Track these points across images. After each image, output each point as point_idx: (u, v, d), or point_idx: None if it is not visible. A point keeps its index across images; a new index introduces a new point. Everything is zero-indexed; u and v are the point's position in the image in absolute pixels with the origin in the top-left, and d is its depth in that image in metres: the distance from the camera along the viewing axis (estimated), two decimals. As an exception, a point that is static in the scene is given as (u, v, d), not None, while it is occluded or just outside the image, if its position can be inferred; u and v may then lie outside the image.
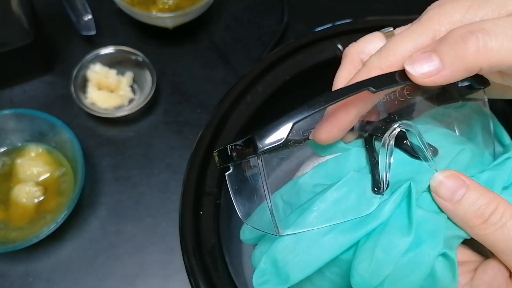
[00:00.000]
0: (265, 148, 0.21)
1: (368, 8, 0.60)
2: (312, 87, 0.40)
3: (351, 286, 0.24)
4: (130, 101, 0.52)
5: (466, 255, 0.24)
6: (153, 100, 0.52)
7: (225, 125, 0.38)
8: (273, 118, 0.21)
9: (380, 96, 0.25)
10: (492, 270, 0.23)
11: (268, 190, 0.23)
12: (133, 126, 0.52)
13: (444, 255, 0.23)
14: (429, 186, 0.24)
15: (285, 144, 0.23)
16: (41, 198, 0.45)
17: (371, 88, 0.22)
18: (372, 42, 0.26)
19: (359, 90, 0.22)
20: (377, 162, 0.24)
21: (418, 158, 0.24)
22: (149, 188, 0.49)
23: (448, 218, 0.23)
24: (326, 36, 0.41)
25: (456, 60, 0.21)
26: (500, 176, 0.24)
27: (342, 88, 0.22)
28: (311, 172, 0.26)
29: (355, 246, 0.23)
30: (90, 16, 0.53)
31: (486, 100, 0.26)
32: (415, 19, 0.25)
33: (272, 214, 0.23)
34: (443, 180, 0.23)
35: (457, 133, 0.28)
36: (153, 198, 0.48)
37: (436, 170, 0.24)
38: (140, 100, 0.51)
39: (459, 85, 0.26)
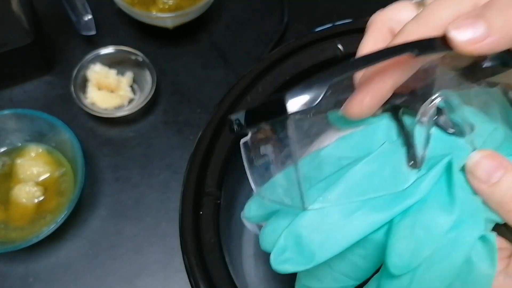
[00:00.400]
0: (298, 110, 0.19)
1: (368, 8, 0.59)
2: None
3: (373, 269, 0.23)
4: (130, 101, 0.52)
5: (498, 241, 0.23)
6: (153, 100, 0.52)
7: (225, 125, 0.38)
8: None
9: (418, 65, 0.23)
10: None
11: (297, 157, 0.21)
12: (133, 126, 0.52)
13: (482, 238, 0.21)
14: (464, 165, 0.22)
15: (312, 110, 0.21)
16: (41, 198, 0.45)
17: (416, 50, 0.20)
18: (401, 11, 0.24)
19: (402, 52, 0.20)
20: (412, 135, 0.22)
21: (453, 134, 0.23)
22: (149, 188, 0.49)
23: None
24: (326, 36, 0.41)
25: (505, 26, 0.19)
26: None
27: (381, 49, 0.20)
28: (334, 144, 0.24)
29: (387, 225, 0.22)
30: (90, 16, 0.53)
31: None
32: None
33: (299, 185, 0.21)
34: (480, 160, 0.21)
35: None
36: (153, 198, 0.48)
37: (473, 146, 0.22)
38: (140, 100, 0.51)
39: (484, 66, 0.24)
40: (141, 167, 0.50)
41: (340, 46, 0.40)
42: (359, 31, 0.30)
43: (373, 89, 0.22)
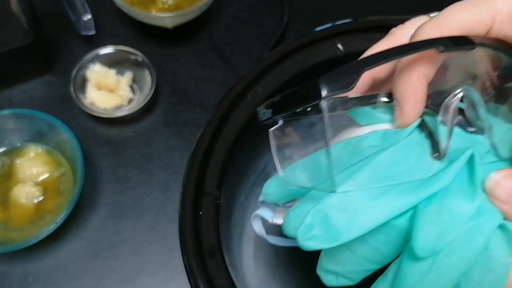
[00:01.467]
0: (331, 94, 0.20)
1: (368, 8, 0.60)
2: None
3: (394, 255, 0.23)
4: (130, 101, 0.52)
5: None
6: (152, 100, 0.52)
7: (225, 125, 0.37)
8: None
9: (438, 64, 0.24)
10: None
11: (330, 139, 0.21)
12: (132, 126, 0.52)
13: (501, 226, 0.22)
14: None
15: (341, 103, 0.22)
16: (41, 198, 0.45)
17: (441, 46, 0.20)
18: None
19: (429, 46, 0.21)
20: (436, 130, 0.23)
21: (473, 132, 0.23)
22: (149, 188, 0.49)
23: None
24: (326, 36, 0.41)
25: None
26: None
27: (409, 43, 0.21)
28: (366, 135, 0.25)
29: (410, 212, 0.22)
30: (89, 16, 0.53)
31: None
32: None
33: (330, 167, 0.22)
34: (500, 180, 0.22)
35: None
36: (153, 198, 0.48)
37: (492, 142, 0.23)
38: (140, 100, 0.51)
39: (497, 74, 0.25)
40: (140, 167, 0.50)
41: (340, 46, 0.40)
42: (359, 31, 0.30)
43: (416, 95, 0.23)
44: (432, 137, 0.23)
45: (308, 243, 0.22)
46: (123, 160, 0.50)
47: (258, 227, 0.33)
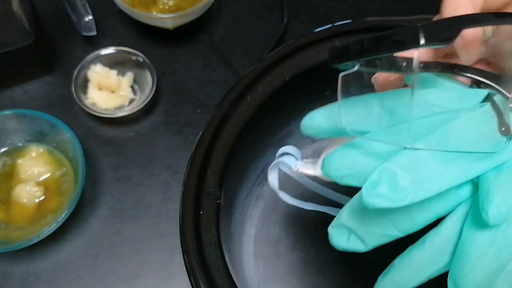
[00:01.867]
0: (430, 44, 0.18)
1: (368, 8, 0.60)
2: (312, 87, 0.40)
3: (424, 224, 0.23)
4: (131, 101, 0.52)
5: None
6: (153, 101, 0.52)
7: (225, 125, 0.38)
8: (272, 118, 0.20)
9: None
10: None
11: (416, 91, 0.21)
12: (133, 126, 0.52)
13: None
14: None
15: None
16: (42, 198, 0.45)
17: None
18: None
19: None
20: (506, 109, 0.23)
21: None
22: (150, 188, 0.49)
23: None
24: (325, 36, 0.41)
25: None
26: None
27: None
28: (428, 91, 0.24)
29: (471, 185, 0.22)
30: (90, 17, 0.53)
31: None
32: (414, 20, 0.24)
33: (409, 124, 0.21)
34: None
35: None
36: (154, 198, 0.48)
37: None
38: (141, 101, 0.51)
39: None
40: (141, 167, 0.50)
41: (339, 47, 0.40)
42: (359, 32, 0.30)
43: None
44: (499, 112, 0.23)
45: (372, 200, 0.21)
46: (124, 160, 0.50)
47: (272, 179, 0.32)
